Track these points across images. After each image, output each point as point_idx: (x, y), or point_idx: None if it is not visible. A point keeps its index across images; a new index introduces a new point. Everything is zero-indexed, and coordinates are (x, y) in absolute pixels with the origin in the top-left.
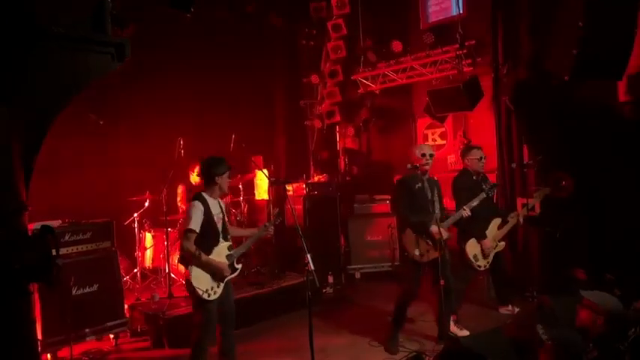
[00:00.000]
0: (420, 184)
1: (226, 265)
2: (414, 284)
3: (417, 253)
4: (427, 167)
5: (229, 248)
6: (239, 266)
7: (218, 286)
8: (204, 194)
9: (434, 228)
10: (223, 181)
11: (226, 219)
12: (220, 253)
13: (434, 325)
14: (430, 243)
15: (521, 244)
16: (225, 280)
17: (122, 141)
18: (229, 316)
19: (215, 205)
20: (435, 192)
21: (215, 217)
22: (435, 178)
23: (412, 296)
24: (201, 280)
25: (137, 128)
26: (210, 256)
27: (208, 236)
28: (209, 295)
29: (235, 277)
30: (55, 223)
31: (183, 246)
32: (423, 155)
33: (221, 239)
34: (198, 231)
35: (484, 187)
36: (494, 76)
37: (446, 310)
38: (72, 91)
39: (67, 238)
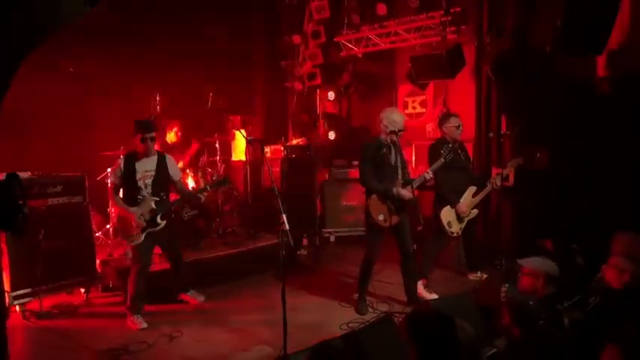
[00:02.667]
0: (385, 150)
1: (141, 218)
2: (376, 248)
3: (380, 218)
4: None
5: (156, 203)
6: (162, 222)
7: (137, 235)
8: (133, 152)
9: (398, 190)
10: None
11: (175, 177)
12: (145, 207)
13: (403, 288)
14: (393, 209)
15: (494, 213)
16: (146, 231)
17: (95, 93)
18: (172, 255)
19: (147, 163)
20: (399, 158)
21: (140, 174)
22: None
23: (374, 260)
24: (123, 227)
25: (111, 81)
26: (132, 207)
27: (129, 189)
28: (131, 241)
29: (158, 230)
30: (24, 175)
31: (111, 194)
32: (392, 132)
33: (147, 194)
34: (117, 182)
35: (442, 152)
36: (477, 45)
37: (409, 276)
38: (40, 35)
39: (36, 190)
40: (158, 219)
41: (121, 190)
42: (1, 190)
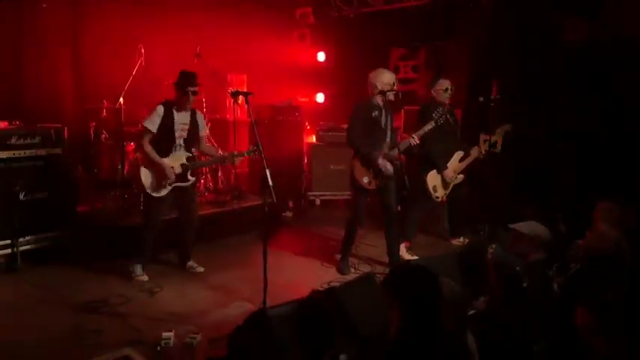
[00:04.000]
0: (377, 112)
1: (172, 171)
2: (361, 210)
3: (365, 180)
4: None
5: (188, 159)
6: (192, 178)
7: (164, 187)
8: (171, 102)
9: (384, 161)
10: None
11: (202, 134)
12: (176, 160)
13: (386, 251)
14: (378, 171)
15: (479, 180)
16: (173, 184)
17: (76, 45)
18: (187, 219)
19: (184, 116)
20: (389, 120)
21: (176, 126)
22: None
23: (359, 222)
24: (147, 176)
25: (95, 30)
26: (165, 159)
27: (163, 140)
28: (157, 192)
29: (186, 185)
30: (0, 125)
31: (139, 140)
32: (383, 92)
33: (180, 148)
34: (153, 131)
35: (434, 115)
36: (472, 6)
37: (392, 238)
38: None
39: (14, 140)
40: (188, 175)
41: (151, 140)
42: None
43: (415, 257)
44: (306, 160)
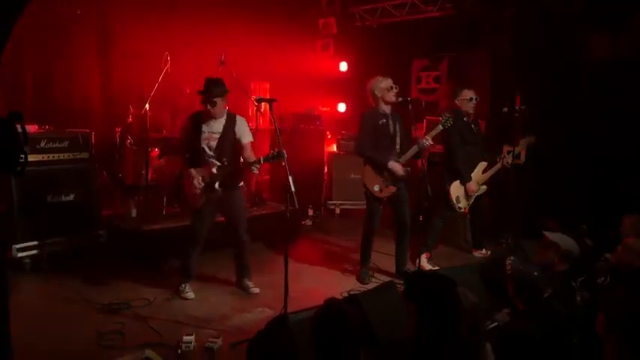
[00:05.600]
0: (384, 120)
1: (198, 181)
2: (374, 218)
3: (376, 188)
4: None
5: (217, 169)
6: (218, 189)
7: (199, 197)
8: (201, 112)
9: (392, 163)
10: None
11: (244, 141)
12: (206, 170)
13: (408, 261)
14: (389, 179)
15: (502, 191)
16: (205, 195)
17: (104, 51)
18: (235, 225)
19: (214, 124)
20: (398, 127)
21: (206, 134)
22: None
23: (373, 229)
24: (188, 188)
25: (122, 40)
26: (193, 169)
27: (191, 150)
28: (190, 203)
29: (218, 199)
30: (31, 129)
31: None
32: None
33: (210, 157)
34: (184, 141)
35: (442, 118)
36: (496, 19)
37: (402, 247)
38: None
39: (43, 144)
40: (216, 185)
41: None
42: (3, 127)
43: (436, 268)
44: (326, 169)
